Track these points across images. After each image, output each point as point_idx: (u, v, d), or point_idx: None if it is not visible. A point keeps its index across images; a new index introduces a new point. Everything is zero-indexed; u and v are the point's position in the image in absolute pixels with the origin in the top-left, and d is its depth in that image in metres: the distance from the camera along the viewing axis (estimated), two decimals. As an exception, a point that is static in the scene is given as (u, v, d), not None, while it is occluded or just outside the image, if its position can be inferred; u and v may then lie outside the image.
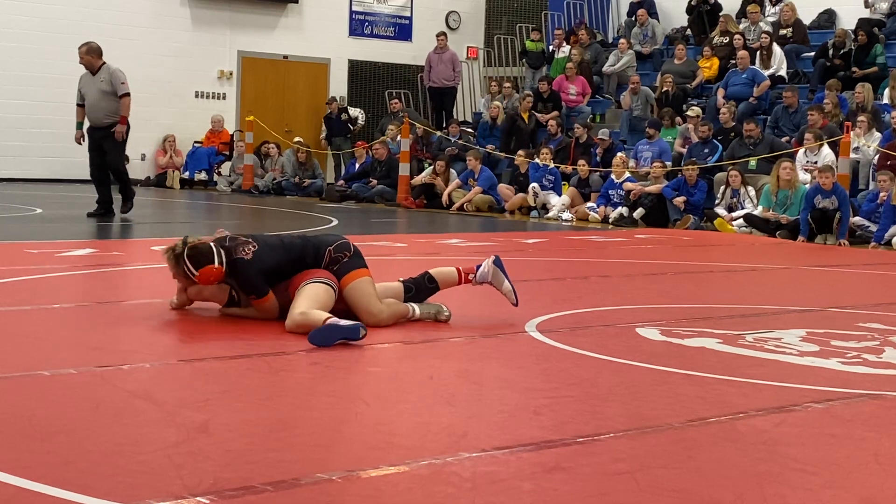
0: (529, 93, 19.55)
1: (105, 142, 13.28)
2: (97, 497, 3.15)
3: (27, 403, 4.23)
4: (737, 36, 18.78)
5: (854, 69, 17.33)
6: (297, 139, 20.28)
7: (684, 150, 16.44)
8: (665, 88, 18.36)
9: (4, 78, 19.66)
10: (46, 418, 4.02)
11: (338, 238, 6.25)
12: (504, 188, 17.19)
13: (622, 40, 20.60)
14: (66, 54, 20.37)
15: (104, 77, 13.27)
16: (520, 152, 17.34)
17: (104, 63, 13.41)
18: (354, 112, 22.23)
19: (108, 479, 3.34)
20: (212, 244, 5.94)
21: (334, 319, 5.57)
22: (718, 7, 20.47)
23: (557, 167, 16.84)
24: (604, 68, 20.48)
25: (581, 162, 16.68)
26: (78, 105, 13.58)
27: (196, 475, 3.38)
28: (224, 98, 22.30)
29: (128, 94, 13.28)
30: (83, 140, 13.60)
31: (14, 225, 12.49)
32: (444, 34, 21.99)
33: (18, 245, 10.35)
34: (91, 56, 13.37)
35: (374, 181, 18.47)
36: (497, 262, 6.42)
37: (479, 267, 6.41)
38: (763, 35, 18.43)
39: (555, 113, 19.25)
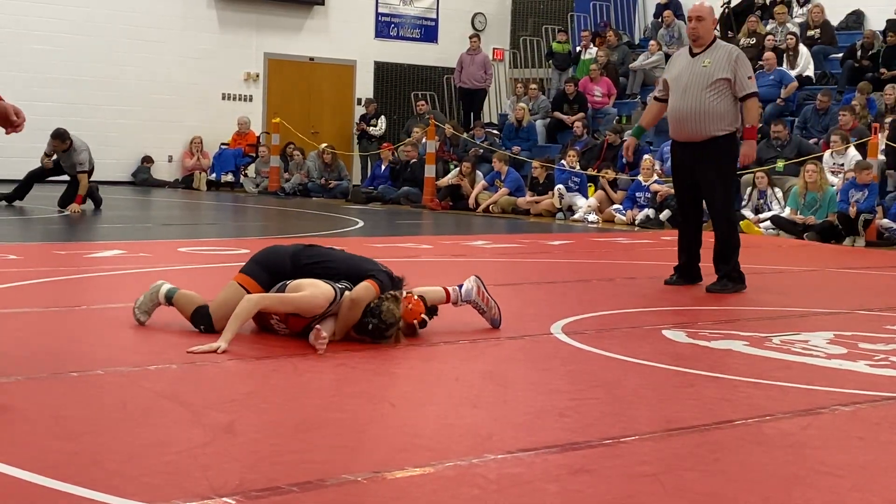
0: None
1: None
2: (123, 497, 3.17)
3: (55, 404, 4.25)
4: (768, 37, 18.65)
5: (882, 70, 17.23)
6: (324, 145, 20.32)
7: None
8: None
9: (32, 80, 19.77)
10: (74, 418, 4.05)
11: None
12: (523, 201, 17.09)
13: (652, 42, 20.55)
14: (94, 56, 20.57)
15: None
16: (536, 161, 17.30)
17: None
18: (376, 127, 22.08)
19: (135, 479, 3.36)
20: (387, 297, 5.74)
21: None
22: (765, 6, 20.30)
23: (583, 172, 16.80)
24: (631, 65, 20.44)
25: (605, 171, 16.60)
26: None
27: (222, 476, 3.40)
28: (250, 100, 22.37)
29: None
30: None
31: (42, 226, 12.57)
32: (478, 35, 22.01)
33: (47, 246, 10.42)
34: None
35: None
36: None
37: None
38: (789, 36, 18.34)
39: (580, 115, 19.22)
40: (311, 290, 5.57)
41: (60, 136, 14.56)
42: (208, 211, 17.23)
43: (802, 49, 18.11)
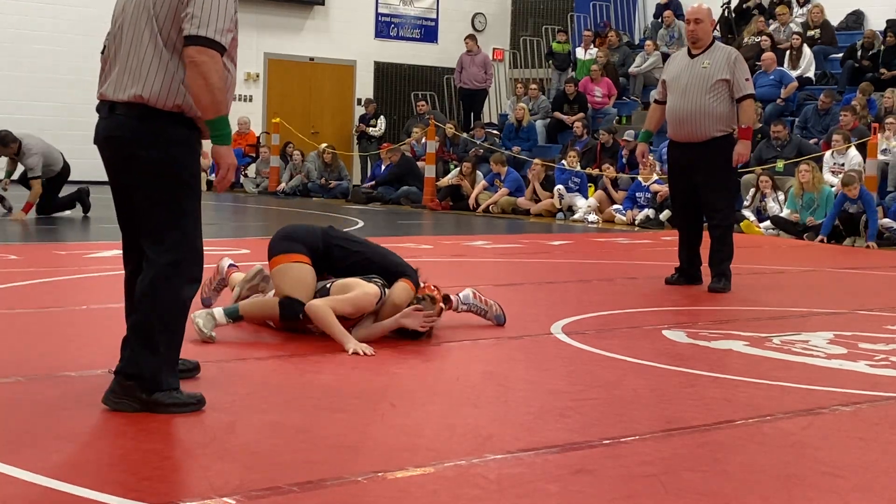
0: None
1: None
2: (123, 497, 3.16)
3: (55, 404, 4.25)
4: (763, 37, 18.65)
5: (882, 70, 17.22)
6: (324, 145, 20.31)
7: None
8: None
9: (34, 80, 19.76)
10: (73, 419, 4.05)
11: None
12: (523, 201, 17.06)
13: (648, 42, 20.55)
14: (96, 56, 20.51)
15: None
16: (536, 160, 17.29)
17: None
18: (376, 127, 22.12)
19: (135, 479, 3.36)
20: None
21: None
22: (762, 6, 20.29)
23: (583, 172, 16.80)
24: (630, 69, 20.44)
25: (606, 166, 16.64)
26: None
27: (222, 476, 3.40)
28: (251, 100, 22.37)
29: None
30: None
31: (43, 227, 12.57)
32: (473, 37, 22.01)
33: (48, 246, 10.42)
34: None
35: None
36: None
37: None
38: (794, 36, 18.33)
39: (580, 115, 19.21)
40: (363, 289, 5.60)
41: (1, 141, 12.61)
42: (208, 211, 17.12)
43: (806, 50, 18.10)
